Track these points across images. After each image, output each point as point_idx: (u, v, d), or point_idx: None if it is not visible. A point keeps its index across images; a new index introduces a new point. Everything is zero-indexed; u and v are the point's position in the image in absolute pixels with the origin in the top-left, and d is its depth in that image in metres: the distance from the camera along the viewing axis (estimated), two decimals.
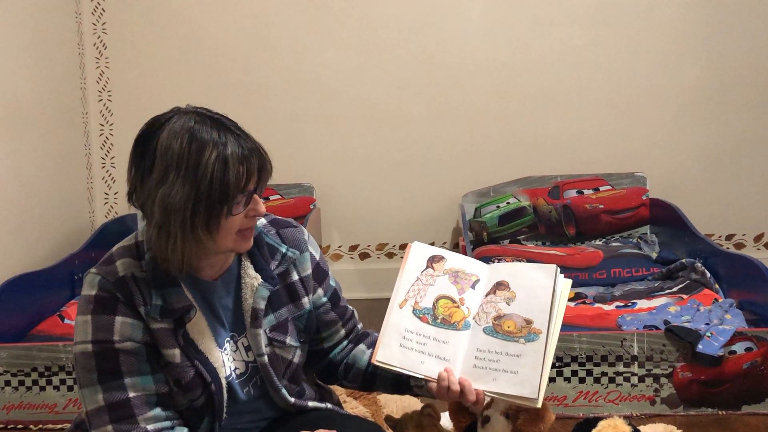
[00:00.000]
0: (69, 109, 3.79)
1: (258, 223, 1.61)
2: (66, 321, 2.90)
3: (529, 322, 1.59)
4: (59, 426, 2.51)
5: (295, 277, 1.62)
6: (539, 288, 1.61)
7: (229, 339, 1.55)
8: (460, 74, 3.90)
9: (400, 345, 1.61)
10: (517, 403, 1.59)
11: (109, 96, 3.98)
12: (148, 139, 1.41)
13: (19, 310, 2.80)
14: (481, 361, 1.58)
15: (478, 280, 1.67)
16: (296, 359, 1.61)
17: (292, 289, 1.62)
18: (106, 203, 4.05)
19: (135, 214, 3.87)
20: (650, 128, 3.88)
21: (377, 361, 1.60)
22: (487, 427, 1.75)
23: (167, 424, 1.46)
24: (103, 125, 3.99)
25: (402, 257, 3.93)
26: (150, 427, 1.43)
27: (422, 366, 1.59)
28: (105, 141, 4.00)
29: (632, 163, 3.86)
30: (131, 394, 1.43)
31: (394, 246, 4.05)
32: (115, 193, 4.04)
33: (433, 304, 1.64)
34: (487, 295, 1.65)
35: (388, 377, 1.68)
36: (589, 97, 3.88)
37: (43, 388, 2.54)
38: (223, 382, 1.51)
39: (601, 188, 3.78)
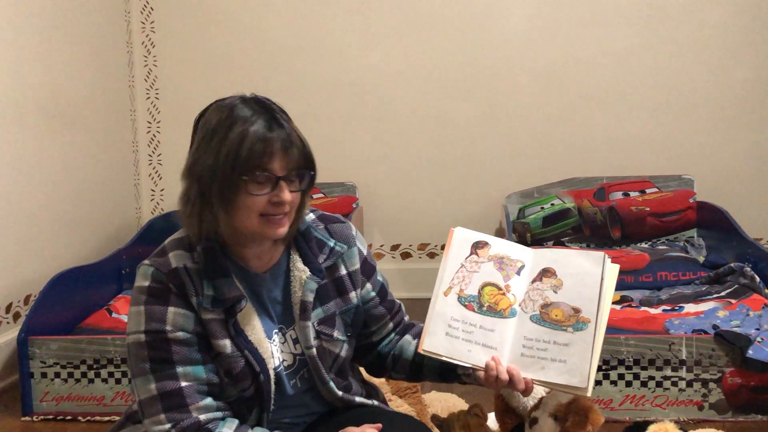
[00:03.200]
0: (117, 107, 3.85)
1: (307, 218, 1.62)
2: (114, 315, 2.95)
3: (577, 310, 1.56)
4: (107, 418, 2.55)
5: (343, 271, 1.63)
6: (587, 276, 1.58)
7: (277, 331, 1.57)
8: (505, 75, 3.88)
9: (446, 333, 1.59)
10: (566, 392, 1.58)
11: (157, 94, 4.03)
12: (201, 116, 1.50)
13: (69, 303, 2.85)
14: (528, 350, 1.56)
15: (523, 266, 1.64)
16: (343, 353, 1.62)
17: (340, 283, 1.62)
18: (152, 199, 4.10)
19: None
20: (698, 130, 3.82)
21: (424, 350, 1.59)
22: (535, 428, 1.74)
23: (218, 414, 1.47)
24: (150, 122, 4.05)
25: None
26: (202, 416, 1.45)
27: (469, 354, 1.57)
28: (152, 138, 4.06)
29: (679, 165, 3.81)
30: (183, 384, 1.45)
31: (436, 246, 4.04)
32: (162, 190, 4.09)
33: (479, 292, 1.61)
34: (533, 282, 1.61)
35: (434, 366, 1.66)
36: (636, 98, 3.84)
37: (91, 381, 2.58)
38: (272, 372, 1.52)
39: (648, 190, 3.73)
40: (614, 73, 3.84)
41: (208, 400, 1.47)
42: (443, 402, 2.30)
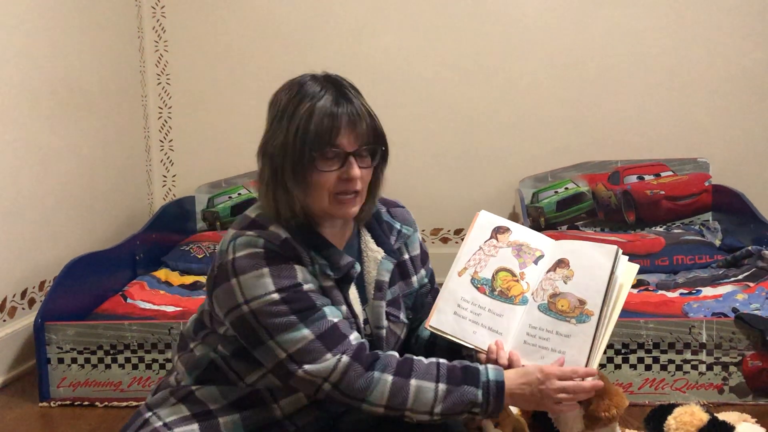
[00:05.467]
0: (128, 93, 3.83)
1: None
2: (129, 300, 2.94)
3: (582, 302, 1.55)
4: (124, 404, 2.55)
5: (407, 255, 1.65)
6: (597, 268, 1.57)
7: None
8: (518, 59, 3.85)
9: (455, 313, 1.59)
10: None
11: (168, 79, 4.01)
12: (274, 96, 1.49)
13: (84, 289, 2.85)
14: (531, 338, 1.56)
15: (542, 256, 1.64)
16: (402, 336, 1.64)
17: (404, 267, 1.64)
18: (164, 186, 4.09)
19: (193, 197, 3.91)
20: (713, 113, 3.79)
21: (430, 326, 1.60)
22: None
23: (365, 341, 1.47)
24: (161, 108, 4.03)
25: (458, 242, 3.93)
26: (356, 341, 1.44)
27: (473, 336, 1.58)
28: (163, 124, 4.04)
29: (695, 148, 3.78)
30: (335, 320, 1.44)
31: (448, 231, 4.02)
32: (173, 176, 4.08)
33: (493, 276, 1.62)
34: (548, 272, 1.62)
35: (443, 346, 1.67)
36: (651, 80, 3.81)
37: (108, 366, 2.58)
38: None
39: (663, 174, 3.71)
40: (628, 55, 3.80)
41: (356, 333, 1.47)
42: None
